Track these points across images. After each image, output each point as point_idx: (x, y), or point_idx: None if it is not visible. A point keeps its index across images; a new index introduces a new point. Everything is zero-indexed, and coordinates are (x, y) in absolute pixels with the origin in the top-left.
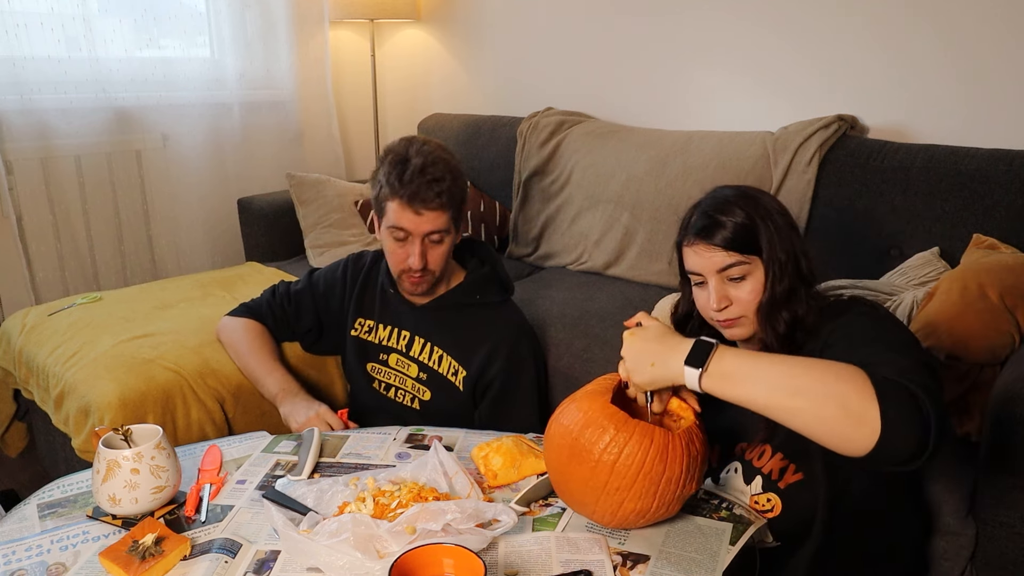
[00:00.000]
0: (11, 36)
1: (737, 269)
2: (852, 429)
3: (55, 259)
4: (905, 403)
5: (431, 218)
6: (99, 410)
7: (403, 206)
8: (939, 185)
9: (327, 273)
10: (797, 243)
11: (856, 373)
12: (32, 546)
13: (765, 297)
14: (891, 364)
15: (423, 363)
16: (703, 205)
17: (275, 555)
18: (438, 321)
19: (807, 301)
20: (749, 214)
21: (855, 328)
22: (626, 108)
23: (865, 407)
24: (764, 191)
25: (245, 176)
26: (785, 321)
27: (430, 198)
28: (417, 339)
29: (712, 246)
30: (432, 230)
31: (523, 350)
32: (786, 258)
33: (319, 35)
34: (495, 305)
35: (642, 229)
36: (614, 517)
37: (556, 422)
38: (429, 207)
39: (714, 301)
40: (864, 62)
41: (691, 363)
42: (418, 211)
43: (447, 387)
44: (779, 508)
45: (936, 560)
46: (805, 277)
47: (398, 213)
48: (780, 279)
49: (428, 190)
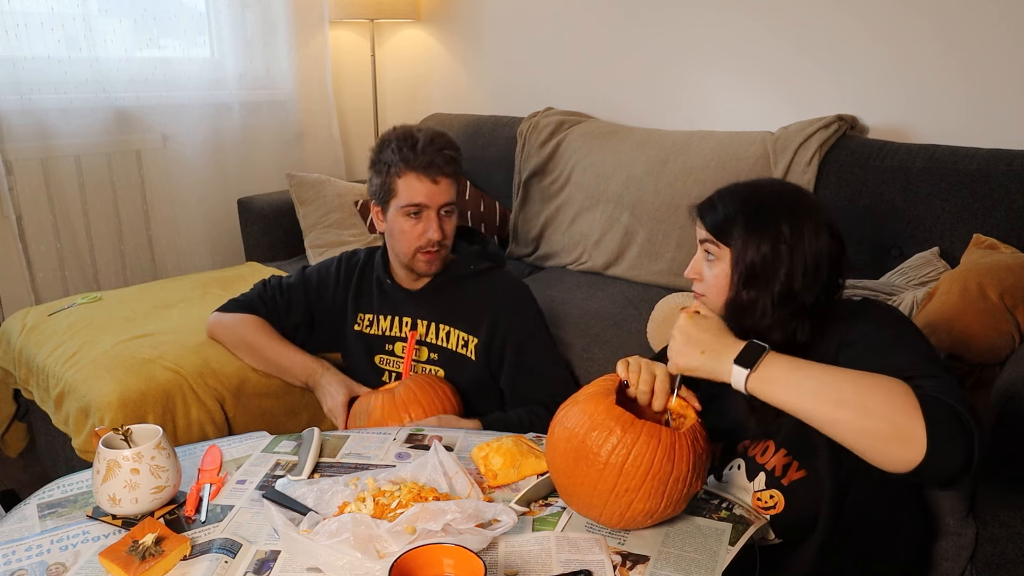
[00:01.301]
0: (11, 36)
1: (710, 247)
2: (897, 446)
3: (55, 259)
4: (952, 424)
5: (446, 186)
6: (99, 410)
7: (419, 177)
8: (939, 185)
9: (320, 268)
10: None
11: (903, 388)
12: (32, 546)
13: (729, 296)
14: (932, 378)
15: (432, 343)
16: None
17: (275, 555)
18: (438, 300)
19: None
20: (738, 210)
21: (880, 332)
22: (626, 108)
23: (911, 425)
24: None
25: (245, 176)
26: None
27: (444, 164)
28: (420, 322)
29: (700, 220)
30: (447, 200)
31: (527, 308)
32: (759, 271)
33: (319, 35)
34: (490, 272)
35: (642, 229)
36: (622, 518)
37: (560, 425)
38: (445, 173)
39: (689, 268)
40: (864, 62)
41: (740, 363)
42: (435, 179)
43: (459, 361)
44: (782, 505)
45: (936, 561)
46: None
47: (414, 187)
48: (745, 284)
49: (441, 157)
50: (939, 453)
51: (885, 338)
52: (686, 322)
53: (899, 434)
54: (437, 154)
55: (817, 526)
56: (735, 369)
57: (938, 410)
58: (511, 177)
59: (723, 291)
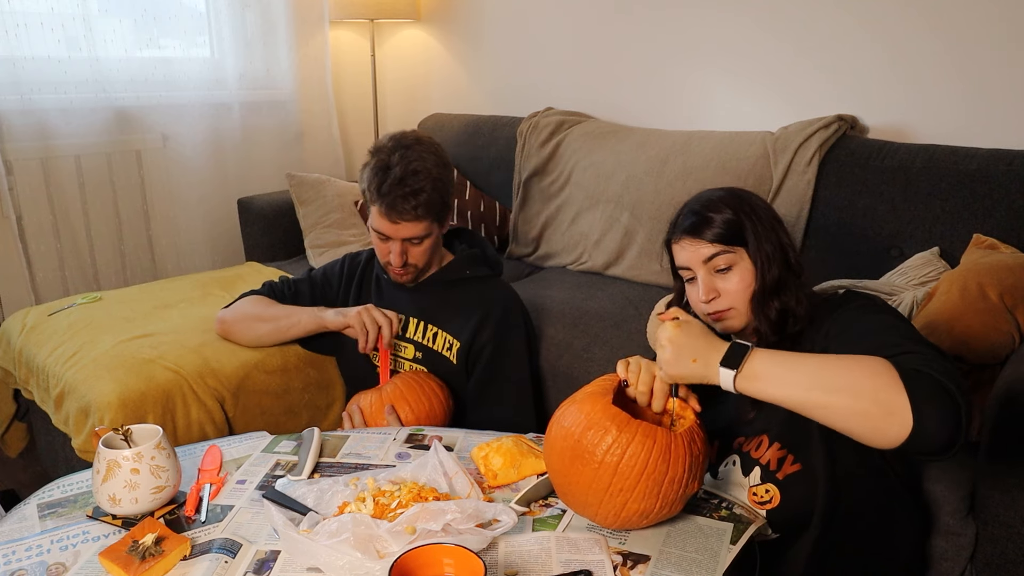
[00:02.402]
0: (11, 36)
1: (723, 259)
2: (884, 421)
3: (55, 259)
4: (936, 394)
5: (408, 227)
6: (99, 410)
7: (382, 213)
8: (939, 185)
9: (325, 268)
10: (783, 236)
11: (884, 366)
12: (32, 546)
13: (756, 287)
14: (912, 354)
15: (418, 343)
16: (690, 204)
17: (275, 555)
18: (431, 300)
19: (796, 291)
20: (735, 209)
21: (861, 320)
22: (626, 108)
23: (896, 399)
24: (749, 191)
25: (245, 176)
26: (776, 309)
27: (406, 211)
28: (412, 320)
29: (697, 239)
30: (410, 236)
31: (513, 317)
32: (773, 249)
33: (319, 35)
34: (485, 279)
35: (642, 229)
36: (617, 518)
37: (557, 424)
38: (405, 218)
39: (702, 292)
40: (864, 62)
41: (726, 365)
42: (395, 221)
43: (441, 362)
44: (778, 499)
45: (936, 560)
46: (793, 268)
47: (378, 219)
48: (769, 268)
49: (404, 203)
50: (925, 423)
51: (867, 324)
52: (674, 332)
53: (885, 410)
54: (401, 199)
55: (813, 520)
56: (722, 371)
57: (919, 381)
58: (511, 177)
59: (747, 291)
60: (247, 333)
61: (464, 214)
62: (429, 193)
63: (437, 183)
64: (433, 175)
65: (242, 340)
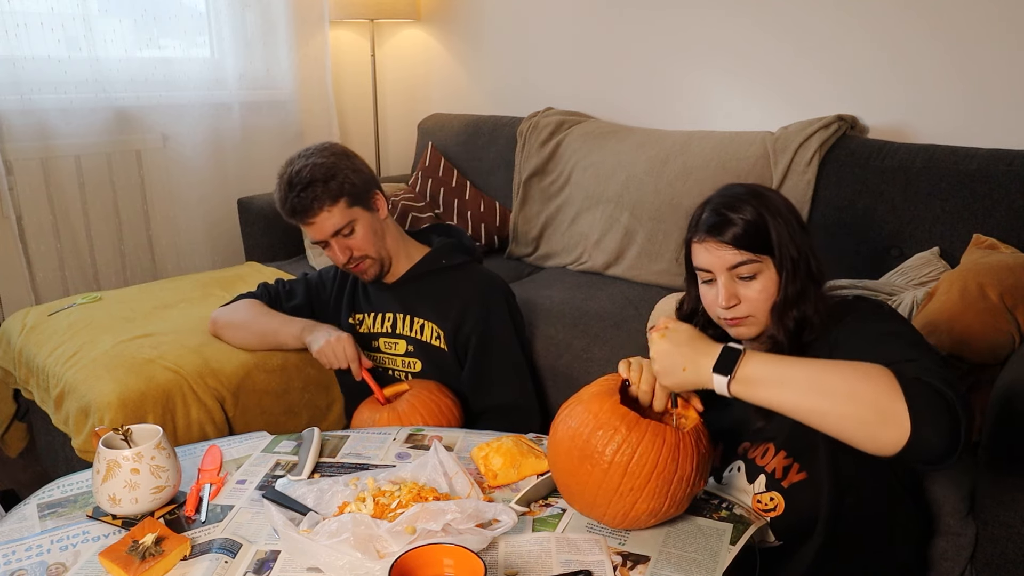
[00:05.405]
0: (11, 36)
1: (747, 268)
2: (881, 429)
3: (55, 259)
4: (935, 402)
5: (321, 222)
6: (99, 410)
7: (298, 224)
8: (939, 185)
9: (320, 271)
10: (806, 241)
11: (882, 372)
12: (32, 546)
13: (779, 297)
14: (913, 363)
15: (409, 336)
16: (713, 202)
17: (275, 555)
18: (414, 293)
19: (816, 301)
20: (760, 211)
21: (866, 327)
22: (626, 108)
23: (893, 407)
24: (774, 190)
25: (245, 176)
26: (795, 319)
27: (305, 207)
28: (399, 316)
29: (722, 243)
30: (335, 230)
31: (493, 300)
32: (797, 256)
33: (319, 35)
34: (463, 266)
35: (642, 229)
36: (626, 518)
37: (563, 424)
38: (310, 216)
39: (723, 299)
40: (864, 62)
41: (719, 370)
42: (305, 223)
43: (434, 352)
44: (782, 507)
45: (936, 560)
46: (814, 276)
47: (303, 231)
48: (793, 279)
49: (300, 202)
50: (923, 431)
51: (873, 331)
52: (661, 344)
53: (882, 417)
54: (296, 200)
55: (816, 528)
56: (715, 377)
57: (918, 389)
58: (511, 177)
59: (769, 301)
60: (235, 338)
61: (464, 214)
62: (323, 185)
63: (330, 170)
64: (321, 164)
65: (231, 343)
